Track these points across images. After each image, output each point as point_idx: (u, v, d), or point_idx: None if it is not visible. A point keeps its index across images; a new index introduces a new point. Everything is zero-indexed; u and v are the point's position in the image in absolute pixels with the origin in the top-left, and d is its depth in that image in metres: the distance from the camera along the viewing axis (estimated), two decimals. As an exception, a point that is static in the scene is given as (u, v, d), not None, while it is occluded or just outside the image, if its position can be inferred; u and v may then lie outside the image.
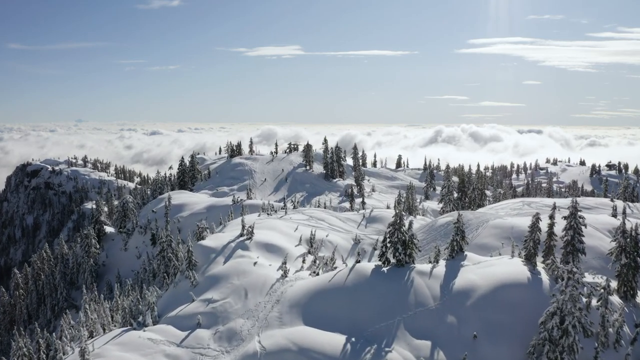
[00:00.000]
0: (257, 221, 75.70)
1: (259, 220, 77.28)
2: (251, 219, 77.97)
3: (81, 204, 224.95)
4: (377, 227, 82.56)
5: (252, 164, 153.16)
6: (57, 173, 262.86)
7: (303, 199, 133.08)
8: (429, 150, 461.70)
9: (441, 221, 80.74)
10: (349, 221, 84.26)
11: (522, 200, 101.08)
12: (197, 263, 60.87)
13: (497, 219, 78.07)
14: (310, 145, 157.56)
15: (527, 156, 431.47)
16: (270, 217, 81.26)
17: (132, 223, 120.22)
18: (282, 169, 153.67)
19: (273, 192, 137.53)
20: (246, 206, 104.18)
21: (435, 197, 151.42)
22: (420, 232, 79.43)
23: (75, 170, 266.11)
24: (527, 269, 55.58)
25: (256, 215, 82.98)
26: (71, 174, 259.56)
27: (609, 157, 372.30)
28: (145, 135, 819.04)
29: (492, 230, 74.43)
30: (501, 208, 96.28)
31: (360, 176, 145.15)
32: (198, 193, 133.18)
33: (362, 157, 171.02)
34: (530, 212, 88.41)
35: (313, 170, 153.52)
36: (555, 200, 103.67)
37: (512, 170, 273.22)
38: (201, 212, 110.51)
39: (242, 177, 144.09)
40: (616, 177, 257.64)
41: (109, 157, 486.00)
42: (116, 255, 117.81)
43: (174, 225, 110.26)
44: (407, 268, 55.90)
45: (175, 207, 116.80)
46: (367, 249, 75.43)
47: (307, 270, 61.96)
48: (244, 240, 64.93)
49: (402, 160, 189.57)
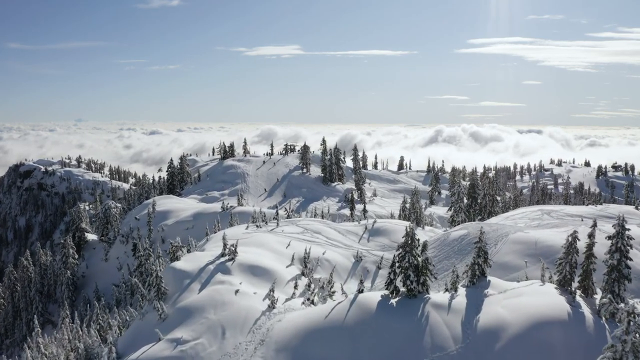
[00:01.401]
0: (243, 236, 65.08)
1: (246, 234, 66.59)
2: (237, 232, 67.28)
3: (74, 206, 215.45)
4: (381, 241, 71.90)
5: (245, 167, 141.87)
6: (50, 174, 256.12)
7: (299, 204, 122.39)
8: (430, 150, 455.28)
9: (454, 234, 70.19)
10: (349, 234, 73.49)
11: (540, 208, 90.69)
12: (167, 291, 50.25)
13: (517, 232, 67.68)
14: (308, 146, 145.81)
15: (528, 156, 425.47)
16: (260, 229, 70.49)
17: (113, 231, 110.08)
18: (278, 172, 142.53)
19: (267, 197, 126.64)
20: (236, 214, 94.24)
21: (440, 202, 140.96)
22: (431, 248, 68.87)
23: (69, 170, 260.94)
24: (565, 299, 45.27)
25: (243, 227, 72.24)
26: (64, 175, 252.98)
27: (610, 157, 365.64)
28: (144, 134, 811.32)
29: (513, 245, 64.10)
30: (519, 218, 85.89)
31: (360, 180, 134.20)
32: (186, 198, 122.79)
33: (362, 158, 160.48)
34: (553, 223, 78.16)
35: (310, 173, 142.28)
36: (575, 208, 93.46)
37: (515, 172, 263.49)
38: (187, 220, 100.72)
39: (234, 181, 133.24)
40: (623, 178, 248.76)
41: (108, 157, 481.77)
42: (97, 265, 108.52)
43: (158, 234, 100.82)
44: (421, 299, 45.35)
45: (159, 214, 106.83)
46: (370, 268, 64.85)
47: (299, 297, 51.44)
48: (225, 262, 54.13)
49: (404, 162, 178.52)
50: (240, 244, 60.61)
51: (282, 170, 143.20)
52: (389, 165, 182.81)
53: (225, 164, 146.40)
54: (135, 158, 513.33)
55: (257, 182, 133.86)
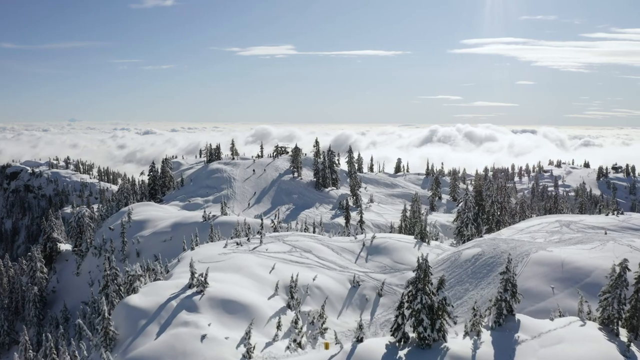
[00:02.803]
0: (218, 258, 54.38)
1: (223, 255, 55.71)
2: (212, 253, 56.47)
3: (61, 208, 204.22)
4: (381, 261, 61.16)
5: (231, 170, 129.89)
6: (37, 175, 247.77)
7: (289, 212, 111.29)
8: (425, 150, 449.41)
9: (466, 254, 59.67)
10: (345, 252, 62.67)
11: (557, 219, 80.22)
12: (116, 336, 39.57)
13: (539, 251, 57.37)
14: (299, 148, 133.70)
15: (523, 156, 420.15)
16: (240, 248, 59.60)
17: (86, 242, 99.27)
18: (267, 177, 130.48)
19: (254, 205, 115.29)
20: (218, 225, 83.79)
21: (441, 208, 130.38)
22: (439, 269, 58.37)
23: (56, 172, 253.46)
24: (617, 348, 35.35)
25: (221, 244, 61.31)
26: (52, 177, 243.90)
27: (605, 157, 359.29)
28: (138, 134, 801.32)
29: (536, 268, 53.86)
30: (535, 230, 75.48)
31: (356, 184, 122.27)
32: (167, 205, 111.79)
33: (357, 160, 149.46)
34: (576, 238, 67.51)
35: (302, 177, 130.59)
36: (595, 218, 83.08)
37: (513, 173, 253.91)
38: (165, 231, 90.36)
39: (219, 186, 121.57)
40: (624, 180, 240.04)
41: (101, 157, 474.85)
42: (68, 280, 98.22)
43: (133, 246, 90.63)
44: (437, 350, 34.96)
45: (136, 223, 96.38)
46: (369, 296, 54.15)
47: (284, 338, 40.91)
48: (192, 296, 43.32)
49: (401, 164, 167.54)
50: (213, 269, 50.05)
51: (271, 174, 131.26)
52: (385, 167, 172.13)
53: (210, 168, 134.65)
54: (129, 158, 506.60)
55: (244, 187, 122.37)
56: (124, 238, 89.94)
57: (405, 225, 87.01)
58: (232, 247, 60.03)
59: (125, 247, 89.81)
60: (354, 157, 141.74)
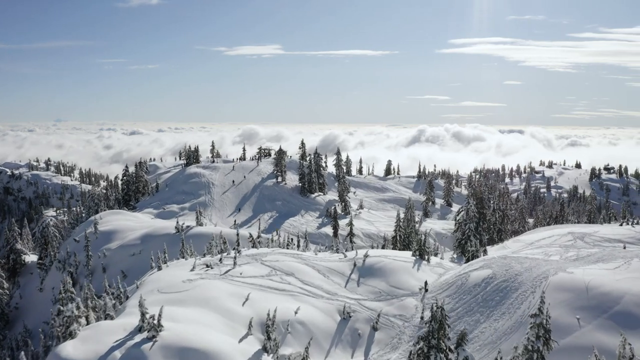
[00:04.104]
0: (182, 286, 44.85)
1: (188, 282, 46.10)
2: (175, 279, 46.81)
3: (41, 212, 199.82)
4: (375, 284, 51.78)
5: (210, 175, 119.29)
6: (17, 177, 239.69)
7: (272, 221, 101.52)
8: (413, 150, 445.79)
9: (475, 276, 50.68)
10: (333, 274, 53.24)
11: (569, 230, 71.48)
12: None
13: (559, 272, 48.40)
14: (284, 151, 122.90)
15: (511, 156, 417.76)
16: (210, 271, 49.99)
17: (50, 255, 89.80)
18: (248, 181, 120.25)
19: (234, 213, 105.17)
20: (192, 237, 74.47)
21: (435, 213, 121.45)
22: (444, 295, 49.38)
23: (37, 174, 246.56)
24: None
25: (188, 266, 51.52)
26: (32, 179, 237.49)
27: (592, 157, 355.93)
28: (124, 134, 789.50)
29: (558, 294, 44.96)
30: (547, 244, 66.66)
31: (344, 189, 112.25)
32: (140, 213, 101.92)
33: (346, 162, 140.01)
34: (594, 255, 58.42)
35: (286, 182, 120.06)
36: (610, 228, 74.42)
37: (504, 174, 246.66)
38: (134, 243, 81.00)
39: (197, 192, 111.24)
40: (616, 181, 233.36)
41: (87, 157, 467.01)
42: (32, 296, 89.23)
43: (98, 261, 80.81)
44: None
45: (103, 234, 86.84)
46: (362, 330, 44.91)
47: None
48: (142, 343, 33.88)
49: (391, 166, 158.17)
50: (174, 302, 40.77)
51: (253, 179, 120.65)
52: (375, 168, 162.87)
53: (187, 172, 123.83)
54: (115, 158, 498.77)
55: (223, 193, 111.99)
56: (89, 252, 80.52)
57: (400, 236, 77.80)
58: (201, 269, 50.48)
59: (90, 261, 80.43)
60: (342, 160, 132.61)
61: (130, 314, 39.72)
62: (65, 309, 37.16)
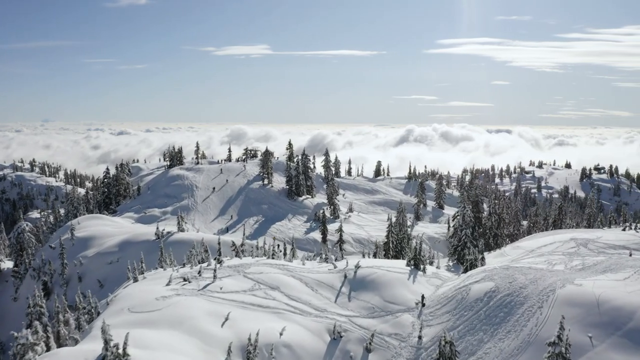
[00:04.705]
0: (155, 305, 40.13)
1: (162, 299, 41.39)
2: (148, 296, 42.06)
3: (25, 213, 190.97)
4: (368, 299, 47.23)
5: (194, 177, 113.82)
6: (1, 178, 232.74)
7: (258, 225, 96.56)
8: (402, 150, 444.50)
9: (476, 290, 46.41)
10: (322, 287, 48.69)
11: (572, 236, 67.35)
12: None
13: (567, 285, 44.27)
14: (270, 152, 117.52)
15: (499, 155, 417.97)
16: (188, 286, 45.33)
17: (24, 263, 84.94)
18: (233, 184, 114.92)
19: (218, 216, 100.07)
20: (173, 244, 69.98)
21: (427, 216, 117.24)
22: (444, 311, 45.08)
23: (21, 175, 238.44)
24: None
25: (164, 279, 46.77)
26: (16, 180, 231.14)
27: (579, 156, 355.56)
28: (112, 135, 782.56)
29: (567, 309, 40.78)
30: (549, 252, 62.48)
31: (333, 192, 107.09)
32: (120, 217, 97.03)
33: (334, 164, 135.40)
34: (601, 264, 54.24)
35: (273, 185, 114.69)
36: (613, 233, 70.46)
37: (494, 174, 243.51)
38: (111, 251, 76.38)
39: (180, 195, 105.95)
40: (607, 181, 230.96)
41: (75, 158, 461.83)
42: (6, 305, 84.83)
43: (74, 269, 76.11)
44: None
45: (80, 241, 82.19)
46: (355, 353, 40.37)
47: None
48: (103, 375, 29.38)
49: (381, 167, 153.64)
50: (145, 324, 36.26)
51: (239, 181, 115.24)
52: (364, 169, 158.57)
53: (170, 174, 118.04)
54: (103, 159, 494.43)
55: (207, 196, 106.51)
56: (64, 260, 75.78)
57: (392, 242, 73.42)
58: (178, 284, 45.83)
59: (65, 270, 75.73)
60: (331, 161, 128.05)
61: (95, 338, 35.03)
62: (20, 335, 32.62)
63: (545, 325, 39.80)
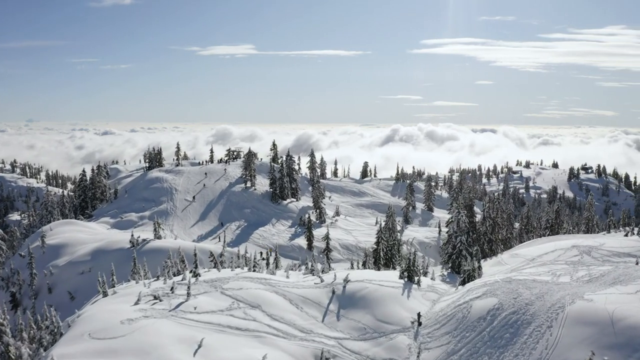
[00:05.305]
0: (120, 330, 35.08)
1: (128, 323, 36.38)
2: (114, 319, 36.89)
3: (5, 216, 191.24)
4: (359, 318, 42.42)
5: (174, 180, 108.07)
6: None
7: (240, 231, 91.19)
8: (387, 150, 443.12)
9: (478, 307, 41.89)
10: (308, 305, 43.82)
11: (573, 243, 62.87)
12: None
13: (576, 301, 39.97)
14: (254, 153, 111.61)
15: (484, 155, 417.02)
16: (158, 305, 40.35)
17: (-8, 272, 79.62)
18: (215, 187, 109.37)
19: (198, 222, 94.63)
20: (148, 253, 65.14)
21: (416, 219, 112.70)
22: (441, 332, 40.53)
23: (1, 176, 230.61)
24: None
25: (132, 298, 41.63)
26: None
27: (564, 155, 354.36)
28: (97, 135, 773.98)
29: (578, 329, 36.69)
30: (551, 261, 57.91)
31: (319, 195, 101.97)
32: (95, 223, 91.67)
33: (320, 165, 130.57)
34: (609, 274, 49.77)
35: (256, 187, 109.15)
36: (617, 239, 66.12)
37: (481, 174, 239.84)
38: (83, 260, 71.52)
39: (159, 199, 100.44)
40: (595, 180, 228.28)
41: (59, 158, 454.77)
42: None
43: (44, 279, 71.02)
44: None
45: (51, 249, 76.98)
46: (345, 382, 35.80)
47: None
48: None
49: (368, 168, 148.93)
50: (106, 354, 31.50)
51: (220, 183, 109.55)
52: (350, 169, 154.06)
53: (149, 176, 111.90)
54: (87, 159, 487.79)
55: (187, 200, 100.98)
56: (33, 269, 70.63)
57: (382, 249, 68.69)
58: (147, 302, 40.84)
59: (34, 280, 70.60)
60: (317, 161, 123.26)
61: None
62: None
63: (557, 347, 35.52)
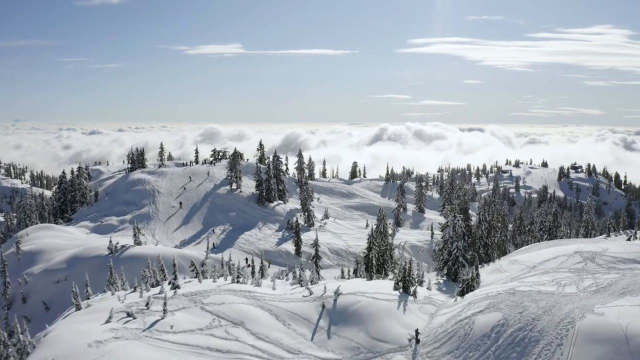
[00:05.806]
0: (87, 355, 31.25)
1: (96, 345, 32.43)
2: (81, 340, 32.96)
3: None
4: (352, 336, 38.70)
5: (156, 181, 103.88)
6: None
7: (225, 236, 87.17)
8: (376, 149, 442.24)
9: (481, 323, 38.33)
10: (295, 321, 40.10)
11: (575, 249, 59.44)
12: None
13: (587, 315, 36.66)
14: (239, 153, 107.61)
15: (472, 154, 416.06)
16: (131, 323, 36.50)
17: (-38, 280, 75.06)
18: (199, 189, 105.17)
19: (182, 226, 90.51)
20: (126, 260, 61.30)
21: (407, 222, 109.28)
22: (442, 351, 36.89)
23: None
24: None
25: (102, 316, 37.75)
26: None
27: (551, 154, 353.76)
28: (84, 134, 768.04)
29: (590, 347, 33.56)
30: (553, 268, 54.49)
31: (308, 197, 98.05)
32: (74, 227, 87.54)
33: (308, 165, 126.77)
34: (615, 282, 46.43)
35: (242, 189, 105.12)
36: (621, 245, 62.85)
37: (470, 173, 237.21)
38: (59, 267, 67.60)
39: (140, 202, 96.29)
40: (586, 180, 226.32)
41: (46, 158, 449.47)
42: None
43: (18, 288, 67.09)
44: None
45: (27, 255, 72.93)
46: (336, 411, 32.10)
47: None
48: None
49: (357, 168, 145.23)
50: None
51: (205, 185, 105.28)
52: (339, 170, 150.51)
53: (131, 178, 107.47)
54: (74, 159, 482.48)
55: (170, 203, 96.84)
56: (6, 278, 66.54)
57: (374, 255, 65.05)
58: (119, 320, 36.97)
59: (8, 289, 66.53)
60: (305, 162, 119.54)
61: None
62: None
63: (569, 368, 32.18)
